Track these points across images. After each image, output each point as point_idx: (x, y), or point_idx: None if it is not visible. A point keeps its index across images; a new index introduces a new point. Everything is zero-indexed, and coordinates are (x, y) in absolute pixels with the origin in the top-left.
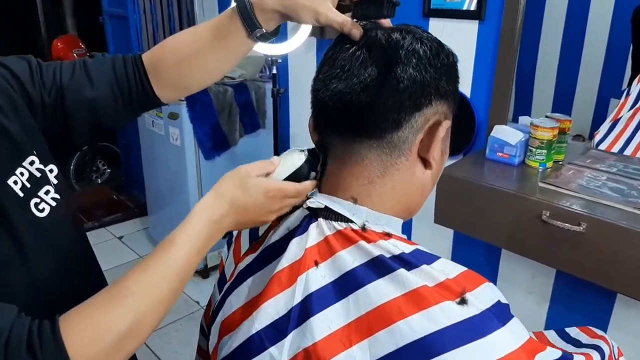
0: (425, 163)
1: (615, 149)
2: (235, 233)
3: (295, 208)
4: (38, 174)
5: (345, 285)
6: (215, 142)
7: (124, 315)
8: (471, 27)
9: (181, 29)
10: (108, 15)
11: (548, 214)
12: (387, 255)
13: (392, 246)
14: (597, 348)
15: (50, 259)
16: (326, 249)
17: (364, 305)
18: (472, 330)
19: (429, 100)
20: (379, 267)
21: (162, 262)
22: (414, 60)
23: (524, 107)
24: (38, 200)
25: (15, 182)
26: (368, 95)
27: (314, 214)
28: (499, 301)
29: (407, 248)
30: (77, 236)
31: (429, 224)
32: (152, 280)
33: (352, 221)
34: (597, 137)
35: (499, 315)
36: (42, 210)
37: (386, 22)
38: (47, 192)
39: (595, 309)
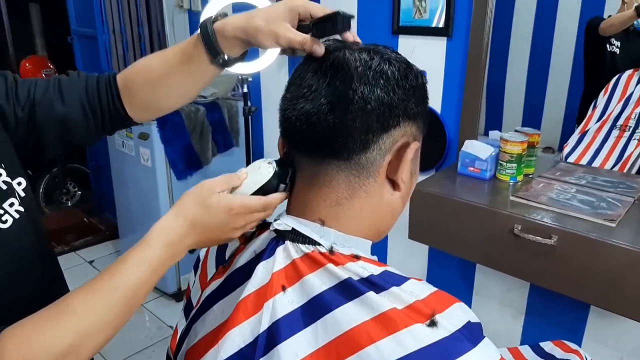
0: (394, 185)
1: (584, 161)
2: (202, 257)
3: (262, 229)
4: (4, 187)
5: (314, 310)
6: (187, 162)
7: (62, 335)
8: (439, 44)
9: (152, 49)
10: (77, 35)
11: (520, 228)
12: (356, 278)
13: (361, 268)
14: None
15: (8, 270)
16: (293, 273)
17: (333, 331)
18: (442, 353)
19: (397, 121)
20: (347, 290)
21: (109, 283)
22: (381, 82)
23: (494, 121)
24: (1, 211)
25: None
26: (335, 116)
27: (281, 237)
28: (469, 321)
29: (376, 270)
30: (41, 251)
31: (403, 240)
32: (97, 302)
33: (319, 244)
34: (566, 150)
35: (469, 336)
36: (4, 222)
37: (350, 36)
38: (11, 205)
39: (570, 321)
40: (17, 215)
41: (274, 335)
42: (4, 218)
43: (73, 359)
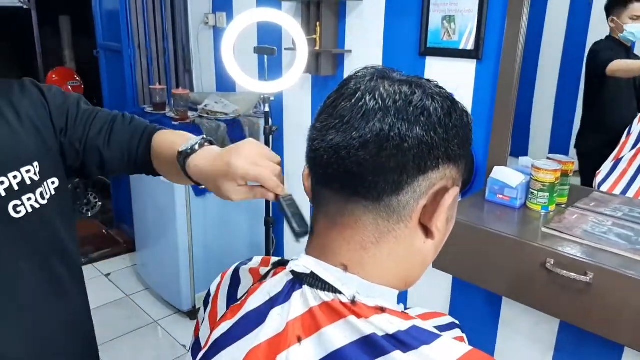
0: (427, 232)
1: (617, 190)
2: (212, 292)
3: (278, 269)
4: (29, 182)
5: None
6: None
7: None
8: (469, 67)
9: (176, 64)
10: (103, 48)
11: (552, 262)
12: (380, 334)
13: (387, 322)
14: None
15: (12, 253)
16: (311, 323)
17: None
18: None
19: (436, 163)
20: (370, 347)
21: None
22: (422, 119)
23: (521, 146)
24: (19, 202)
25: (2, 182)
26: (367, 152)
27: (299, 280)
28: None
29: (403, 325)
30: (52, 243)
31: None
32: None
33: (340, 292)
34: (599, 177)
35: None
36: (18, 212)
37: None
38: (29, 199)
39: None
40: (30, 210)
41: None
42: (18, 209)
43: None
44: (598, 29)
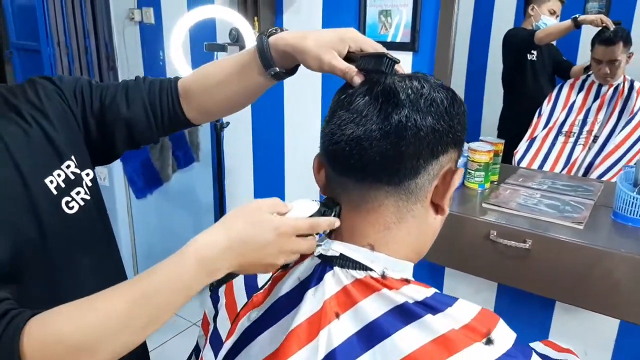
0: (437, 209)
1: (534, 165)
2: (222, 288)
3: (302, 257)
4: (72, 177)
5: (370, 335)
6: (146, 179)
7: (79, 330)
8: (406, 58)
9: (99, 61)
10: (16, 48)
11: (495, 233)
12: (411, 302)
13: (415, 291)
14: None
15: (71, 251)
16: (346, 299)
17: (393, 355)
18: None
19: (445, 148)
20: (404, 314)
21: (136, 290)
22: (432, 109)
23: None
24: (69, 199)
25: (52, 182)
26: (388, 142)
27: (328, 263)
28: (516, 338)
29: (428, 292)
30: (104, 236)
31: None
32: (120, 305)
33: (371, 269)
34: (517, 155)
35: (522, 351)
36: (71, 208)
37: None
38: (77, 193)
39: (537, 318)
40: (82, 203)
41: None
42: (70, 204)
43: (87, 356)
44: (501, 16)
